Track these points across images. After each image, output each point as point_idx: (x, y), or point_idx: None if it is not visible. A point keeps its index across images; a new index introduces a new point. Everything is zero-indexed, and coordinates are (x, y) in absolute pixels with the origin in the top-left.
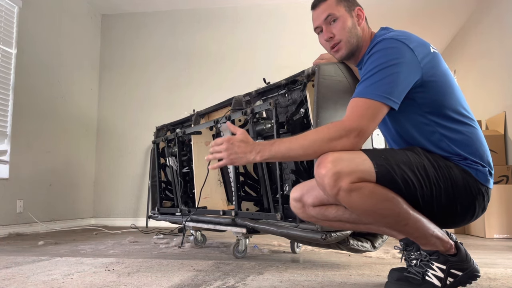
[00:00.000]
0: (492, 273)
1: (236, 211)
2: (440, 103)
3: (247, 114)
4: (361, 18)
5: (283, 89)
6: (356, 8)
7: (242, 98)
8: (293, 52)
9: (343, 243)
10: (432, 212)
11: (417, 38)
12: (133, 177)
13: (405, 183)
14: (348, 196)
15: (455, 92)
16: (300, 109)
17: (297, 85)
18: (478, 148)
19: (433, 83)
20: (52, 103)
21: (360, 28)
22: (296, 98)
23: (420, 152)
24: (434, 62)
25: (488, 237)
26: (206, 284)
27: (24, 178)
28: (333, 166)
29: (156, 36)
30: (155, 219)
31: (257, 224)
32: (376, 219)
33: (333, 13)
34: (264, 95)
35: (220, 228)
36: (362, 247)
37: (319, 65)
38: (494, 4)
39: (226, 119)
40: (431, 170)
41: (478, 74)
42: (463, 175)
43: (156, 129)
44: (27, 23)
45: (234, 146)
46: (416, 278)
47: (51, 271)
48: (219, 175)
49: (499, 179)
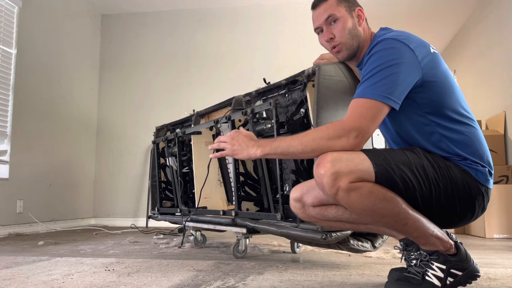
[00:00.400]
0: (492, 273)
1: (236, 211)
2: (440, 103)
3: (247, 114)
4: (362, 18)
5: (283, 89)
6: (356, 8)
7: (242, 98)
8: (293, 52)
9: (343, 243)
10: (431, 212)
11: (417, 38)
12: (133, 177)
13: (404, 183)
14: (347, 196)
15: (455, 92)
16: (300, 109)
17: (297, 85)
18: (478, 148)
19: (433, 83)
20: (52, 103)
21: (361, 29)
22: (296, 98)
23: (420, 152)
24: (434, 62)
25: (488, 237)
26: (206, 284)
27: (24, 178)
28: (332, 166)
29: (156, 36)
30: (155, 219)
31: (257, 224)
32: (375, 219)
33: (333, 14)
34: (264, 95)
35: (220, 228)
36: (362, 247)
37: (320, 65)
38: (494, 4)
39: (226, 119)
40: (430, 170)
41: (478, 74)
42: (463, 175)
43: (156, 129)
44: (27, 23)
45: (238, 139)
46: (416, 278)
47: (51, 271)
48: (219, 175)
49: (499, 179)
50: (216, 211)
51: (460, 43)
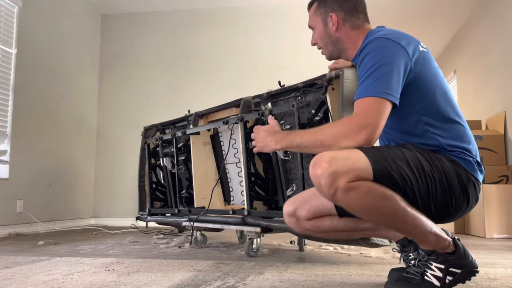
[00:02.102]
0: (492, 273)
1: (249, 210)
2: (430, 101)
3: (264, 115)
4: (335, 24)
5: (299, 92)
6: (329, 15)
7: (251, 100)
8: (293, 52)
9: (365, 239)
10: (428, 206)
11: (407, 36)
12: (133, 177)
13: (402, 179)
14: (346, 196)
15: (445, 91)
16: (319, 112)
17: (314, 88)
18: (466, 142)
19: (422, 81)
20: (52, 103)
21: (338, 33)
22: (310, 100)
23: (412, 147)
24: (424, 59)
25: (488, 237)
26: (206, 284)
27: (24, 178)
28: (329, 166)
29: (156, 36)
30: (143, 221)
31: (272, 223)
32: (375, 218)
33: (311, 25)
34: (275, 98)
35: (228, 227)
36: (381, 242)
37: (343, 69)
38: (494, 5)
39: (239, 120)
40: (425, 163)
41: (478, 74)
42: (453, 165)
43: (144, 129)
44: (27, 23)
45: (258, 136)
46: (416, 279)
47: (51, 271)
48: (216, 175)
49: (499, 179)
50: (225, 210)
51: (460, 43)
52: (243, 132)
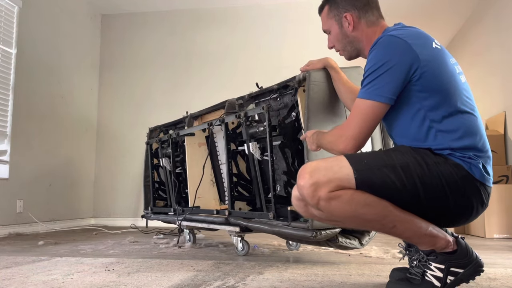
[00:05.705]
0: (492, 273)
1: (230, 210)
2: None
3: (240, 117)
4: (351, 23)
5: (275, 93)
6: (343, 15)
7: (235, 102)
8: (293, 53)
9: (332, 241)
10: (423, 211)
11: (419, 34)
12: (133, 177)
13: (386, 186)
14: (328, 205)
15: (457, 86)
16: (291, 113)
17: (289, 90)
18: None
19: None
20: (52, 103)
21: (354, 33)
22: (287, 102)
23: (407, 151)
24: (437, 56)
25: (488, 237)
26: (206, 284)
27: (24, 178)
28: (310, 177)
29: (156, 36)
30: (148, 219)
31: (250, 223)
32: (360, 224)
33: (326, 28)
34: (257, 99)
35: (214, 227)
36: (350, 244)
37: (310, 71)
38: (494, 4)
39: (220, 121)
40: (415, 168)
41: (478, 73)
42: (455, 170)
43: (149, 130)
44: (27, 23)
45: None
46: (417, 279)
47: (51, 271)
48: (211, 175)
49: (499, 179)
50: (210, 210)
51: (460, 42)
52: (224, 134)
